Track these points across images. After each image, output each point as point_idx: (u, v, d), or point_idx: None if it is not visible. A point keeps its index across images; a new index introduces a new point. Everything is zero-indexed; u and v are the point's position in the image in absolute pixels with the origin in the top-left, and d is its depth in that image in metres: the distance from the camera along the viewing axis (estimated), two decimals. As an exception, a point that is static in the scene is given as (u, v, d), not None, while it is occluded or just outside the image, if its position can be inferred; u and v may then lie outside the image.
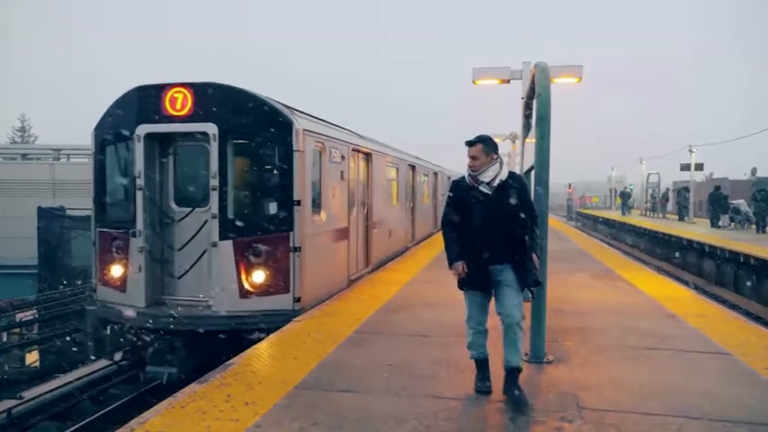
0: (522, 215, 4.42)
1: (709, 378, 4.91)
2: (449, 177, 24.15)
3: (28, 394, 8.43)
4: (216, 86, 7.22)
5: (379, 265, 11.23)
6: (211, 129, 7.06)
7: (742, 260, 16.60)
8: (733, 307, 12.28)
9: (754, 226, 23.46)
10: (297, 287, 7.06)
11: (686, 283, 15.25)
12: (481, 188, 4.42)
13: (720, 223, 25.45)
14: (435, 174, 20.74)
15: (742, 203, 25.83)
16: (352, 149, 9.59)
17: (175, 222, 7.55)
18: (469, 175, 4.51)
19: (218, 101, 7.16)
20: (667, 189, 39.81)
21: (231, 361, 5.24)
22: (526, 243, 4.41)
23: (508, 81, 11.06)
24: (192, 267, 7.41)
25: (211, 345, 6.93)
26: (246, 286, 7.03)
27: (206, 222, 7.25)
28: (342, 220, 8.92)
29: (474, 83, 11.05)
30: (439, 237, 5.94)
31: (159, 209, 7.50)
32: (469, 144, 4.51)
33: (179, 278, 7.50)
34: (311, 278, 7.37)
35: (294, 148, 7.05)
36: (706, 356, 5.56)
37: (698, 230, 23.93)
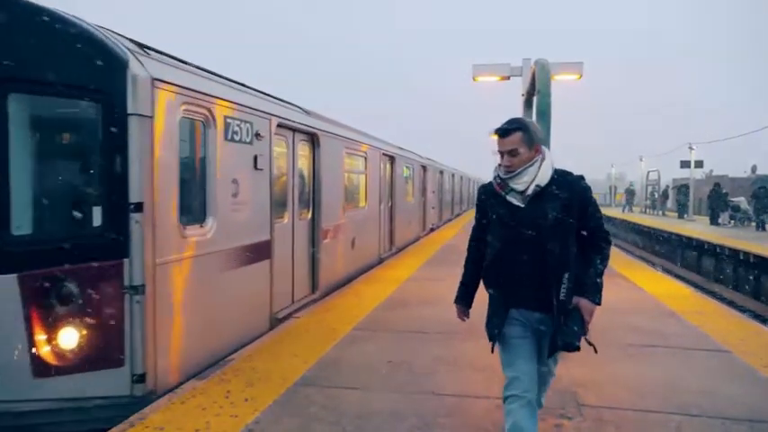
0: (567, 242, 2.99)
1: (708, 376, 4.92)
2: (441, 172, 22.53)
3: None
4: None
5: (335, 288, 8.57)
6: None
7: (741, 258, 16.62)
8: (732, 305, 12.29)
9: (753, 224, 23.48)
10: (139, 357, 4.20)
11: (686, 280, 15.27)
12: (509, 198, 3.04)
13: (720, 221, 25.51)
14: (424, 168, 17.99)
15: (742, 201, 25.89)
16: (280, 126, 6.60)
17: None
18: (498, 177, 3.12)
19: None
20: (667, 186, 39.86)
21: (231, 357, 5.24)
22: (564, 284, 2.97)
23: (508, 78, 11.08)
24: None
25: None
26: (45, 356, 4.13)
27: None
28: (257, 231, 6.02)
29: (474, 79, 11.07)
30: (429, 240, 5.84)
31: None
32: (503, 133, 3.05)
33: None
34: (174, 337, 4.58)
35: (131, 110, 4.16)
36: (705, 354, 5.57)
37: (697, 228, 23.95)
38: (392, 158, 13.36)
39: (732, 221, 25.43)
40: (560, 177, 3.07)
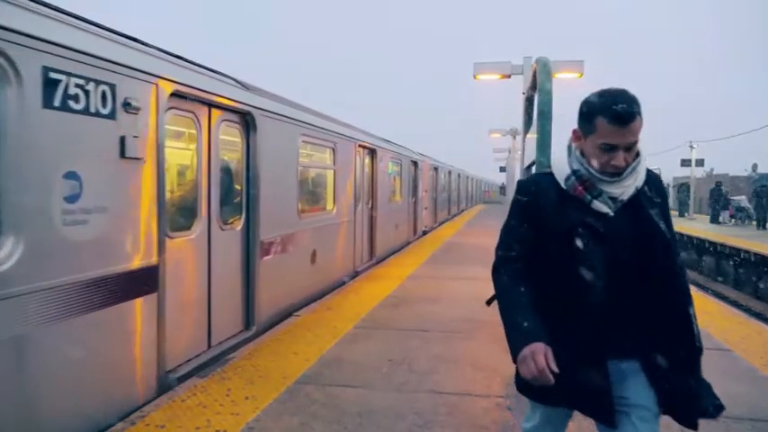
0: (677, 262, 2.20)
1: (709, 374, 4.88)
2: (435, 169, 21.48)
3: None
4: None
5: (286, 315, 6.70)
6: None
7: (742, 256, 16.63)
8: (733, 303, 12.30)
9: (754, 222, 23.50)
10: None
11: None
12: (595, 205, 2.10)
13: (720, 219, 25.54)
14: (415, 164, 16.30)
15: (743, 199, 25.92)
16: (179, 96, 4.63)
17: None
18: (581, 173, 2.11)
19: None
20: (668, 185, 39.89)
21: (231, 355, 5.24)
22: (685, 316, 2.26)
23: (509, 76, 11.10)
24: None
25: None
26: None
27: None
28: (128, 253, 3.98)
29: (475, 78, 11.08)
30: (429, 239, 5.76)
31: None
32: (626, 119, 1.97)
33: None
34: None
35: None
36: (707, 353, 5.46)
37: (698, 226, 23.95)
38: (373, 151, 11.44)
39: (733, 220, 25.46)
40: (649, 175, 2.19)
